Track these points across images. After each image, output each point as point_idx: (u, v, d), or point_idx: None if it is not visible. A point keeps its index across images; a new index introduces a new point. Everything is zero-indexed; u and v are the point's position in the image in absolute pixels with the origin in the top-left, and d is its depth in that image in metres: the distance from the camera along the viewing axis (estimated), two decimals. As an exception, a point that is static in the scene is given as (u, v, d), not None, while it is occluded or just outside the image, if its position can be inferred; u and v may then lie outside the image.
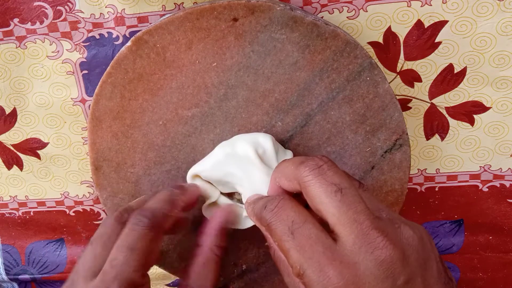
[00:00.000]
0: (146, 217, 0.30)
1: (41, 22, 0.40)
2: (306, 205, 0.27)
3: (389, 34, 0.38)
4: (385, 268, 0.23)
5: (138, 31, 0.38)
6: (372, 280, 0.23)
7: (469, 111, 0.41)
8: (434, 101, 0.41)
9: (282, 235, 0.25)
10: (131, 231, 0.29)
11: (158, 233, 0.30)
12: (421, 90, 0.40)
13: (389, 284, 0.23)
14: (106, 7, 0.39)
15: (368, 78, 0.36)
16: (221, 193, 0.36)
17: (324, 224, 0.25)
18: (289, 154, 0.36)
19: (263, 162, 0.34)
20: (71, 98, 0.43)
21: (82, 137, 0.44)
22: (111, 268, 0.28)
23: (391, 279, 0.23)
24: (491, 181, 0.43)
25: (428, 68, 0.39)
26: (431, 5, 0.37)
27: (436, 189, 0.44)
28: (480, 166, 0.43)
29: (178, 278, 0.47)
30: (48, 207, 0.48)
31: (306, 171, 0.26)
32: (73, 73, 0.42)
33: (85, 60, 0.41)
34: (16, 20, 0.40)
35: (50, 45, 0.41)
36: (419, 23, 0.38)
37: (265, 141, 0.35)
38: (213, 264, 0.33)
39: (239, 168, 0.34)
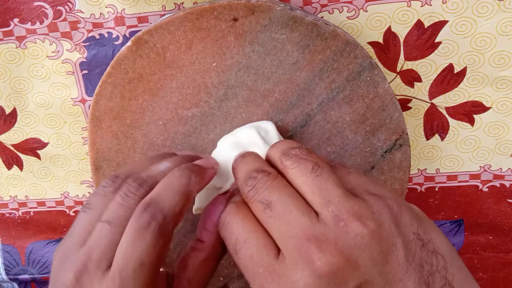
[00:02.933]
0: (157, 220, 0.25)
1: (41, 22, 0.40)
2: None
3: (389, 34, 0.38)
4: (327, 280, 0.22)
5: (138, 31, 0.38)
6: None
7: (469, 111, 0.41)
8: (434, 101, 0.41)
9: (231, 252, 0.25)
10: (138, 236, 0.25)
11: (169, 238, 0.26)
12: (421, 90, 0.40)
13: None
14: (106, 7, 0.39)
15: (368, 78, 0.36)
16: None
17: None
18: None
19: (266, 143, 0.33)
20: (71, 98, 0.43)
21: (82, 137, 0.44)
22: (121, 280, 0.25)
23: None
24: (491, 181, 0.43)
25: (428, 68, 0.39)
26: (431, 5, 0.37)
27: (436, 189, 0.44)
28: (480, 166, 0.43)
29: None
30: (48, 207, 0.48)
31: (245, 192, 0.26)
32: (73, 73, 0.42)
33: (85, 60, 0.41)
34: (16, 20, 0.40)
35: (50, 45, 0.41)
36: (419, 23, 0.38)
37: (267, 124, 0.35)
38: (214, 261, 0.30)
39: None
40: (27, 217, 0.49)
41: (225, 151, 0.34)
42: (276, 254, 0.23)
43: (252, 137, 0.34)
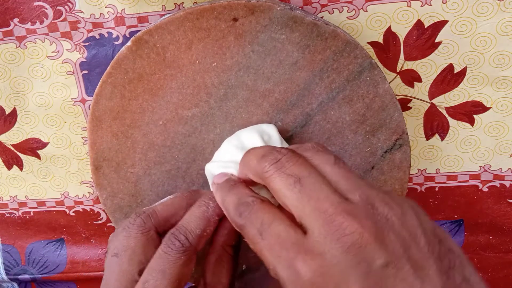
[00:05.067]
0: (180, 240, 0.29)
1: (41, 22, 0.40)
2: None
3: (389, 34, 0.38)
4: (354, 253, 0.22)
5: (138, 31, 0.38)
6: (342, 268, 0.22)
7: (469, 111, 0.41)
8: (434, 101, 0.41)
9: (253, 237, 0.26)
10: (164, 254, 0.29)
11: (192, 256, 0.30)
12: (421, 90, 0.40)
13: (363, 270, 0.22)
14: (106, 7, 0.39)
15: (368, 78, 0.36)
16: None
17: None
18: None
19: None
20: (71, 98, 0.43)
21: (82, 137, 0.44)
22: None
23: (365, 263, 0.22)
24: (491, 181, 0.43)
25: (428, 68, 0.39)
26: (431, 5, 0.37)
27: (436, 189, 0.44)
28: (480, 166, 0.43)
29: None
30: (48, 207, 0.48)
31: (266, 166, 0.26)
32: (73, 73, 0.42)
33: (85, 60, 0.41)
34: (16, 20, 0.40)
35: (50, 45, 0.41)
36: (419, 23, 0.38)
37: (269, 128, 0.35)
38: (227, 263, 0.32)
39: None
40: (27, 217, 0.49)
41: (231, 154, 0.34)
42: (302, 232, 0.24)
43: (256, 142, 0.34)
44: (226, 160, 0.34)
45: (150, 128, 0.38)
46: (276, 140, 0.35)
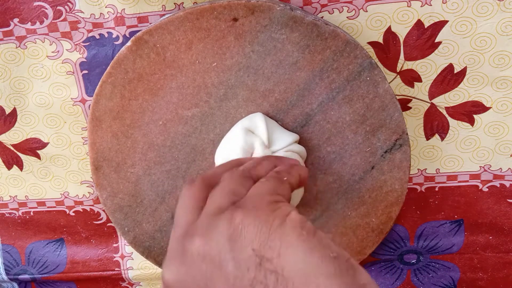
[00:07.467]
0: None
1: (41, 22, 0.40)
2: None
3: (389, 34, 0.38)
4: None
5: (138, 31, 0.38)
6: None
7: (469, 111, 0.41)
8: (434, 101, 0.41)
9: None
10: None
11: None
12: (421, 90, 0.40)
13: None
14: (106, 7, 0.39)
15: (368, 78, 0.36)
16: None
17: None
18: (288, 136, 0.36)
19: (253, 139, 0.35)
20: (71, 98, 0.43)
21: (82, 137, 0.44)
22: None
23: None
24: (491, 181, 0.43)
25: (428, 68, 0.39)
26: (431, 5, 0.37)
27: (436, 189, 0.44)
28: (480, 166, 0.43)
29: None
30: (48, 207, 0.48)
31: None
32: (73, 73, 0.42)
33: (85, 60, 0.41)
34: (16, 20, 0.40)
35: (50, 45, 0.41)
36: (419, 23, 0.38)
37: (256, 117, 0.36)
38: None
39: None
40: (27, 217, 0.49)
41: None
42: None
43: (237, 133, 0.36)
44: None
45: (150, 128, 0.38)
46: (262, 128, 0.35)
